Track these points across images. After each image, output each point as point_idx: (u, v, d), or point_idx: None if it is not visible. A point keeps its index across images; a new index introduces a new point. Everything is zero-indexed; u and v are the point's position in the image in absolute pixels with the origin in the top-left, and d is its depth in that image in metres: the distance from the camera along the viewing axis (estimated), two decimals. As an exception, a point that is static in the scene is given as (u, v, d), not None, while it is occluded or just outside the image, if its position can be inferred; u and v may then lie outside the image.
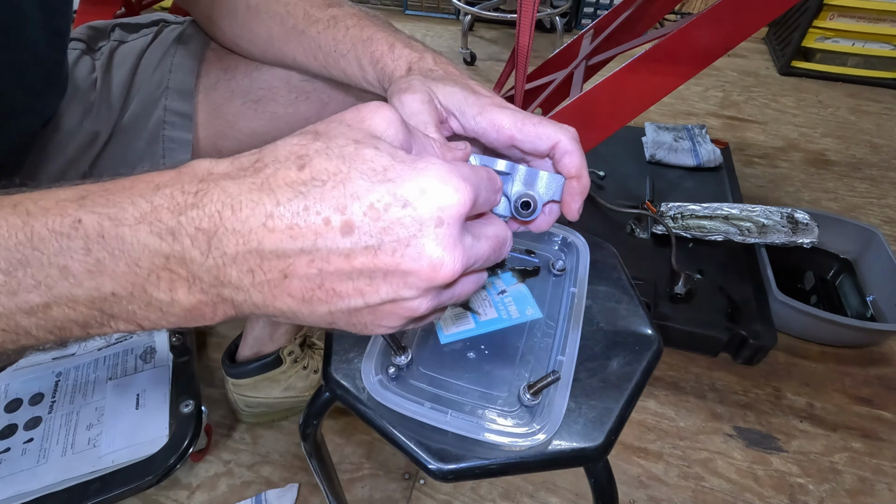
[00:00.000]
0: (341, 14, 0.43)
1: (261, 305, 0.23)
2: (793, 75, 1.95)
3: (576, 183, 0.31)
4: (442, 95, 0.34)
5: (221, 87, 0.54)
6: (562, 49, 1.21)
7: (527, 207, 0.30)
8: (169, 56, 0.53)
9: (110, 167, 0.52)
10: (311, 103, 0.56)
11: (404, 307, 0.23)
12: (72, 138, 0.49)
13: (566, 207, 0.32)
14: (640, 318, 0.44)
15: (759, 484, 0.79)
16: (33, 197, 0.22)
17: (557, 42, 2.04)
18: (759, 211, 1.07)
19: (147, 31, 0.55)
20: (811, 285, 1.10)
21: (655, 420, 0.87)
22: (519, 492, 0.77)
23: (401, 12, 2.53)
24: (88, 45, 0.53)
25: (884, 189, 1.41)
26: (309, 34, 0.45)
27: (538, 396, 0.37)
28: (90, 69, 0.51)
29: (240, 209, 0.21)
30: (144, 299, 0.22)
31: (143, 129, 0.52)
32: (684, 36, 0.75)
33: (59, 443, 0.55)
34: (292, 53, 0.47)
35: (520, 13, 0.83)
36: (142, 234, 0.21)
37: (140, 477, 0.52)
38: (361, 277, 0.22)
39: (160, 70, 0.53)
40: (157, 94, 0.52)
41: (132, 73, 0.53)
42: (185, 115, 0.53)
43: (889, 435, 0.85)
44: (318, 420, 0.50)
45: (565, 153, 0.31)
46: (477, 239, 0.24)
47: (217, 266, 0.21)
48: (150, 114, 0.52)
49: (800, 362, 0.97)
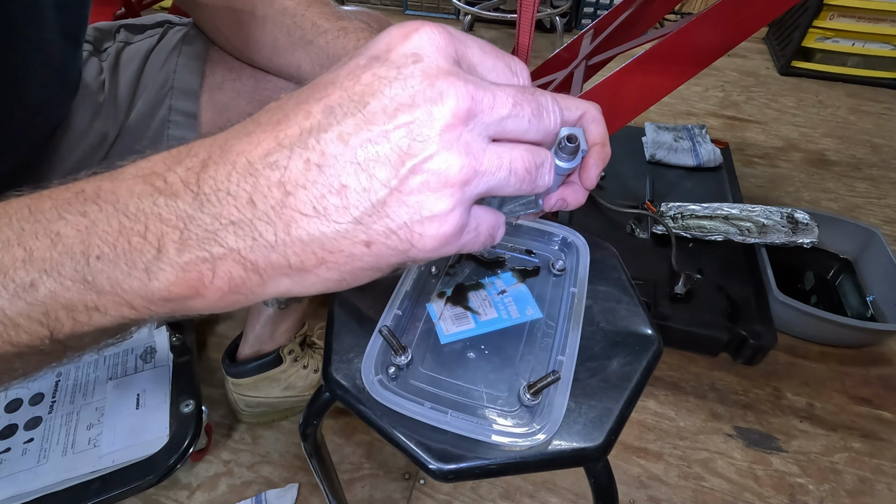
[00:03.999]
0: (351, 27, 0.45)
1: (275, 245, 0.20)
2: (793, 75, 1.95)
3: (599, 148, 0.32)
4: None
5: (227, 87, 0.55)
6: (562, 49, 1.21)
7: (573, 141, 0.29)
8: (174, 56, 0.54)
9: None
10: None
11: (431, 172, 0.20)
12: (82, 139, 0.49)
13: (586, 172, 0.32)
14: (640, 318, 0.44)
15: (759, 484, 0.79)
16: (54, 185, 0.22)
17: (557, 42, 2.04)
18: (759, 211, 1.07)
19: (152, 33, 0.56)
20: (811, 285, 1.10)
21: (655, 420, 0.87)
22: (519, 492, 0.77)
23: (401, 12, 2.53)
24: (95, 47, 0.53)
25: (884, 189, 1.41)
26: (317, 44, 0.46)
27: (538, 396, 0.37)
28: (98, 70, 0.52)
29: (226, 144, 0.20)
30: (130, 258, 0.20)
31: (148, 129, 0.53)
32: (684, 36, 0.75)
33: (60, 443, 0.55)
34: (297, 63, 0.48)
35: (520, 13, 0.83)
36: (137, 186, 0.20)
37: (140, 476, 0.52)
38: (363, 153, 0.19)
39: (165, 70, 0.53)
40: (161, 94, 0.53)
41: (138, 74, 0.53)
42: (190, 115, 0.53)
43: (889, 435, 0.85)
44: (318, 420, 0.50)
45: (592, 121, 0.32)
46: (486, 90, 0.20)
47: (211, 204, 0.20)
48: (154, 113, 0.53)
49: (800, 362, 0.97)
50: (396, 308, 0.43)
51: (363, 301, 0.46)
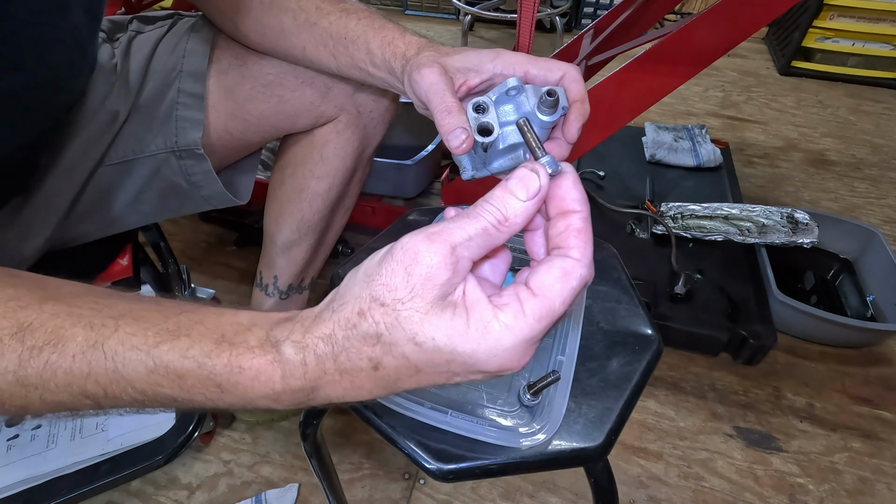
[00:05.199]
0: (353, 8, 0.49)
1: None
2: (793, 75, 1.95)
3: (580, 105, 0.37)
4: (457, 60, 0.40)
5: (233, 71, 0.58)
6: (562, 49, 1.21)
7: (552, 95, 0.33)
8: (183, 42, 0.57)
9: (127, 144, 0.56)
10: (316, 88, 0.60)
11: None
12: (94, 117, 0.52)
13: (568, 126, 0.36)
14: (640, 318, 0.44)
15: (759, 484, 0.79)
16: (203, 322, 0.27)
17: (557, 42, 2.04)
18: (759, 211, 1.07)
19: (163, 24, 0.59)
20: (811, 285, 1.10)
21: (655, 420, 0.87)
22: (519, 492, 0.77)
23: (401, 12, 2.53)
24: (108, 36, 0.56)
25: (884, 189, 1.41)
26: (321, 25, 0.49)
27: (538, 396, 0.37)
28: (110, 55, 0.55)
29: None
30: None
31: (157, 109, 0.56)
32: (684, 36, 0.74)
33: (68, 428, 0.57)
34: (302, 44, 0.51)
35: (520, 13, 0.83)
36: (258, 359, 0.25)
37: (150, 457, 0.53)
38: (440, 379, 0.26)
39: (175, 55, 0.56)
40: (171, 77, 0.56)
41: (149, 59, 0.56)
42: (198, 96, 0.56)
43: (889, 435, 0.85)
44: (318, 420, 0.50)
45: (573, 80, 0.37)
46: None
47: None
48: (164, 95, 0.56)
49: (800, 362, 0.97)
50: (396, 308, 0.43)
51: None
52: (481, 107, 0.36)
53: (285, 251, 0.74)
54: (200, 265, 1.17)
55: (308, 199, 0.69)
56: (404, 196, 1.22)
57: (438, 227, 0.24)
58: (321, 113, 0.62)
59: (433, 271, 0.23)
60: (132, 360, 0.25)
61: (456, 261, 0.23)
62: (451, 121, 0.36)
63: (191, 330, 0.26)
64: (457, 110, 0.36)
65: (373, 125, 0.67)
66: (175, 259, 0.90)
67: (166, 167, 0.57)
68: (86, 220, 0.57)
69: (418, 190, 1.22)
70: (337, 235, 0.79)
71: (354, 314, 0.24)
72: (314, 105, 0.61)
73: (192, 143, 0.56)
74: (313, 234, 0.73)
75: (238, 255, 1.19)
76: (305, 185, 0.68)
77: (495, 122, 0.36)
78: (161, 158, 0.57)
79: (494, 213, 0.24)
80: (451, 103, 0.37)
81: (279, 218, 0.72)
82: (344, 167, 0.68)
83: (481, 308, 0.23)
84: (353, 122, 0.65)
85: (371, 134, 0.68)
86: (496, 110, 0.36)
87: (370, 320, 0.23)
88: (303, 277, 0.79)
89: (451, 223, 0.24)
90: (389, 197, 1.22)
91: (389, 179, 1.17)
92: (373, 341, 0.24)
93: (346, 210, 0.77)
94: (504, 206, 0.24)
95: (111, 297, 0.27)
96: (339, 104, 0.63)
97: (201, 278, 1.14)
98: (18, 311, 0.25)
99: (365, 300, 0.24)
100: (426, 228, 0.24)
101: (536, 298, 0.23)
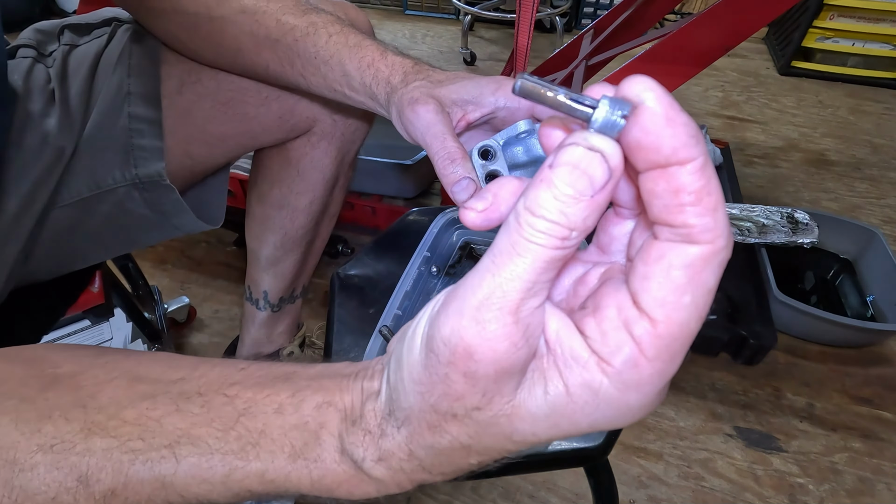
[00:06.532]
0: (321, 21, 0.42)
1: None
2: (793, 75, 1.95)
3: None
4: (453, 91, 0.36)
5: (187, 90, 0.52)
6: (562, 49, 1.21)
7: None
8: (125, 58, 0.50)
9: (81, 182, 0.49)
10: (283, 102, 0.55)
11: None
12: (37, 158, 0.45)
13: None
14: (640, 318, 0.44)
15: (759, 484, 0.79)
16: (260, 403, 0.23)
17: (557, 42, 2.03)
18: (759, 211, 1.07)
19: (100, 33, 0.52)
20: (811, 285, 1.10)
21: (655, 420, 0.87)
22: (519, 492, 0.77)
23: (401, 12, 2.53)
24: (38, 51, 0.49)
25: (884, 189, 1.41)
26: (284, 42, 0.43)
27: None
28: (45, 79, 0.47)
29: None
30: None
31: (109, 139, 0.49)
32: (684, 36, 0.75)
33: None
34: (265, 63, 0.46)
35: (519, 13, 0.83)
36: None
37: None
38: None
39: (118, 73, 0.50)
40: (118, 101, 0.49)
41: (90, 80, 0.49)
42: (154, 122, 0.50)
43: (889, 435, 0.85)
44: (318, 420, 0.50)
45: None
46: None
47: None
48: (114, 123, 0.49)
49: (800, 362, 0.97)
50: (396, 308, 0.43)
51: (363, 301, 0.46)
52: (489, 152, 0.32)
53: (271, 267, 0.71)
54: (200, 265, 1.17)
55: (289, 215, 0.65)
56: (404, 196, 1.22)
57: (481, 294, 0.16)
58: (292, 126, 0.58)
59: (501, 364, 0.17)
60: (206, 491, 0.23)
61: (524, 328, 0.17)
62: (456, 171, 0.32)
63: (258, 447, 0.22)
64: (461, 158, 0.32)
65: (351, 130, 0.62)
66: (145, 279, 0.88)
67: (129, 201, 0.51)
68: (49, 261, 0.52)
69: (418, 190, 1.22)
70: (325, 242, 0.76)
71: (426, 431, 0.19)
72: (283, 120, 0.56)
73: (154, 174, 0.50)
74: (299, 248, 0.70)
75: (238, 255, 1.19)
76: (285, 202, 0.64)
77: (504, 169, 0.32)
78: (122, 192, 0.50)
79: (549, 229, 0.15)
80: (454, 149, 0.32)
81: (261, 235, 0.68)
82: (324, 178, 0.64)
83: (580, 366, 0.17)
84: (329, 131, 0.60)
85: (351, 139, 0.63)
86: (504, 154, 0.32)
87: (448, 436, 0.19)
88: (293, 288, 0.76)
89: (492, 274, 0.16)
90: (389, 197, 1.22)
91: (389, 179, 1.17)
92: (463, 453, 0.19)
93: (332, 217, 0.74)
94: (557, 214, 0.15)
95: (156, 404, 0.23)
96: (312, 115, 0.58)
97: (201, 278, 1.14)
98: (70, 455, 0.22)
99: (429, 414, 0.19)
100: (461, 294, 0.17)
101: (658, 329, 0.16)
